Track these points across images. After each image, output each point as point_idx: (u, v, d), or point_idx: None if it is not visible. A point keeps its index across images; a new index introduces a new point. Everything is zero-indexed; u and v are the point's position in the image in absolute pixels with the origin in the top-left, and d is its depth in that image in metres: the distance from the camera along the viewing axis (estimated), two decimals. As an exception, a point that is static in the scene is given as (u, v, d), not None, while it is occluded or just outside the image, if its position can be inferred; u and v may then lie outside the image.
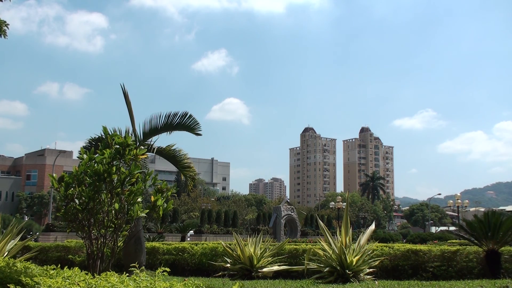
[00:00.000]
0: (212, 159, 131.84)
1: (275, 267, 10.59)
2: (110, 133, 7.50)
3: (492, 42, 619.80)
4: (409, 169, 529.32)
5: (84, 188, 6.99)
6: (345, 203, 30.19)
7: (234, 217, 55.26)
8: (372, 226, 10.71)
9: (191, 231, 42.05)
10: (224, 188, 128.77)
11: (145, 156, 8.36)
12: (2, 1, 8.84)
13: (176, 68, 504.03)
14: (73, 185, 7.06)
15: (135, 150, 7.32)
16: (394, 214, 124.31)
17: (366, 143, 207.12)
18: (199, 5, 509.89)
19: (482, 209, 74.75)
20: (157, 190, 7.45)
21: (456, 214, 58.54)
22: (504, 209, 78.57)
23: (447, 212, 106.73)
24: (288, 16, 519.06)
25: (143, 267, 6.49)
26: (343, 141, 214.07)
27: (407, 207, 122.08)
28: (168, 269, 5.44)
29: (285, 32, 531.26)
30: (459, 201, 53.01)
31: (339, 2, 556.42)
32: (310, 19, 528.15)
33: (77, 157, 7.67)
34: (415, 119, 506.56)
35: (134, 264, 5.88)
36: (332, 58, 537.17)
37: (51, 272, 5.30)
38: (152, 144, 12.73)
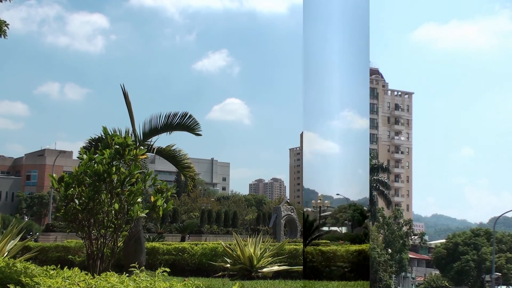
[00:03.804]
0: (212, 159, 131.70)
1: (275, 267, 10.60)
2: (110, 133, 7.50)
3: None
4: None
5: (84, 188, 6.99)
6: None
7: (234, 217, 55.20)
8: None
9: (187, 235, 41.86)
10: (224, 188, 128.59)
11: (145, 156, 8.38)
12: (2, 1, 8.84)
13: (177, 68, 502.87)
14: (73, 185, 7.06)
15: (135, 150, 7.32)
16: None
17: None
18: (200, 5, 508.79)
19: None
20: (157, 190, 7.45)
21: None
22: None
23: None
24: (291, 16, 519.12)
25: (143, 267, 6.48)
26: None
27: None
28: (168, 269, 5.44)
29: (287, 32, 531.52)
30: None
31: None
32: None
33: (77, 157, 7.67)
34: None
35: (134, 264, 5.87)
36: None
37: (51, 272, 5.30)
38: (152, 144, 12.74)
